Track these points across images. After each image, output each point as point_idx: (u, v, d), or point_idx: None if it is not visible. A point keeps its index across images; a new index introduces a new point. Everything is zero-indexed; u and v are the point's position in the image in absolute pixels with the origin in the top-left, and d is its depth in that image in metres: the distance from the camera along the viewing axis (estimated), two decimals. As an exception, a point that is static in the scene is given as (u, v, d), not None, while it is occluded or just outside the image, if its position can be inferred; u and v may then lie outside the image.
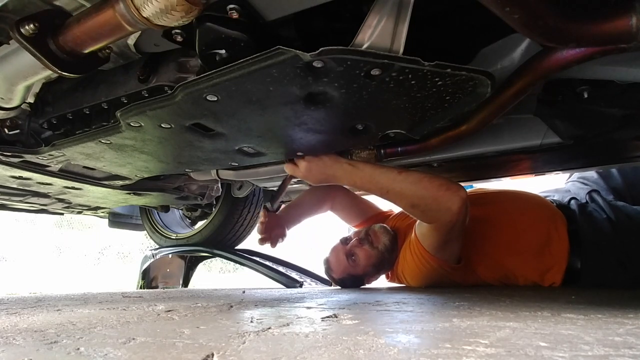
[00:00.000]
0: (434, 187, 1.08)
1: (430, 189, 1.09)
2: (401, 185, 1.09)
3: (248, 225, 2.15)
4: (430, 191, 1.09)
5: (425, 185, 1.08)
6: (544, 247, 1.26)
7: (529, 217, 1.31)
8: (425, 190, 1.09)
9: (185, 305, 1.02)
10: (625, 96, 0.79)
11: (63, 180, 1.27)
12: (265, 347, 0.49)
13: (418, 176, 1.09)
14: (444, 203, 1.09)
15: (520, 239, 1.28)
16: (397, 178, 1.09)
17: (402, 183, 1.09)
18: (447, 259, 1.27)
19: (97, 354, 0.47)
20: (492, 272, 1.34)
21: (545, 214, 1.31)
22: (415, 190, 1.09)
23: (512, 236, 1.29)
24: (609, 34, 0.57)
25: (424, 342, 0.49)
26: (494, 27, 0.75)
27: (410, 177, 1.09)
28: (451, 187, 1.08)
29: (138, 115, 0.80)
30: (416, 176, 1.09)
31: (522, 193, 1.47)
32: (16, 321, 0.77)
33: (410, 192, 1.10)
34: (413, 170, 1.13)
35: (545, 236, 1.26)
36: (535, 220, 1.30)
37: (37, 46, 0.64)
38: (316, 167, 1.10)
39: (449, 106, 0.76)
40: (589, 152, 1.10)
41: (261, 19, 0.66)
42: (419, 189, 1.09)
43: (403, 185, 1.09)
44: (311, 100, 0.73)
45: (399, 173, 1.09)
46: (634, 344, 0.45)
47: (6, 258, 7.47)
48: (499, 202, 1.43)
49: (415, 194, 1.10)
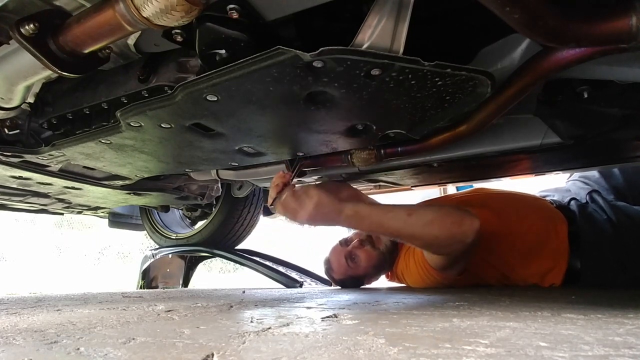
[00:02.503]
0: (446, 225, 1.03)
1: (444, 229, 1.04)
2: (413, 230, 1.03)
3: (248, 225, 2.15)
4: (444, 231, 1.04)
5: (438, 225, 1.03)
6: (544, 249, 1.26)
7: (528, 219, 1.31)
8: (439, 231, 1.04)
9: (185, 305, 1.02)
10: (625, 96, 0.79)
11: (63, 180, 1.27)
12: (265, 347, 0.49)
13: (430, 217, 1.03)
14: (458, 238, 1.04)
15: (520, 241, 1.28)
16: (408, 221, 1.02)
17: (413, 227, 1.03)
18: (454, 273, 1.27)
19: (97, 354, 0.47)
20: (492, 273, 1.34)
21: (545, 216, 1.31)
22: (429, 232, 1.03)
23: (512, 238, 1.29)
24: (609, 34, 0.57)
25: (424, 342, 0.49)
26: (494, 27, 0.75)
27: (421, 218, 1.03)
28: (464, 222, 1.04)
29: (138, 115, 0.80)
30: (428, 217, 1.03)
31: (522, 195, 1.47)
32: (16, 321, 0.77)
33: (423, 235, 1.04)
34: (423, 208, 1.08)
35: (545, 238, 1.26)
36: (535, 222, 1.29)
37: (37, 46, 0.64)
38: (319, 218, 1.01)
39: (449, 106, 0.76)
40: (589, 152, 1.10)
41: (261, 19, 0.66)
42: (432, 230, 1.03)
43: (415, 229, 1.03)
44: (311, 100, 0.73)
45: (409, 215, 1.02)
46: (634, 344, 0.45)
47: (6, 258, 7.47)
48: (498, 204, 1.43)
49: (428, 235, 1.04)
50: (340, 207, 1.02)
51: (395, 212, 1.04)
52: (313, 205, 0.99)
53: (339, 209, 1.01)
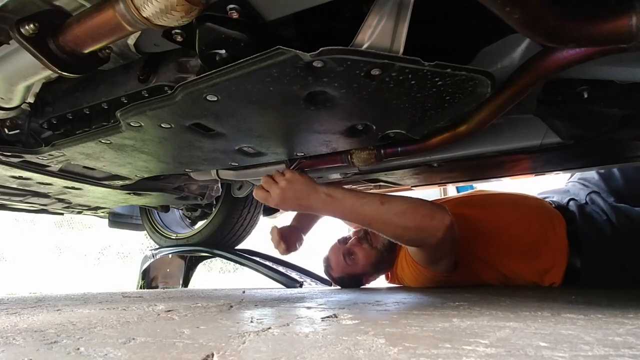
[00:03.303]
0: (417, 217, 1.06)
1: (414, 220, 1.06)
2: (384, 217, 1.06)
3: (248, 225, 2.15)
4: (414, 222, 1.06)
5: (408, 216, 1.06)
6: (543, 248, 1.26)
7: (527, 218, 1.31)
8: (409, 222, 1.06)
9: (185, 305, 1.02)
10: (625, 96, 0.79)
11: (63, 180, 1.27)
12: (265, 347, 0.49)
13: (402, 207, 1.06)
14: (428, 232, 1.07)
15: (519, 241, 1.28)
16: (380, 209, 1.05)
17: (385, 215, 1.06)
18: (441, 270, 1.28)
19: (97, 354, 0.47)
20: (492, 273, 1.34)
21: (543, 215, 1.31)
22: (399, 221, 1.06)
23: (511, 238, 1.29)
24: (609, 34, 0.57)
25: (424, 342, 0.49)
26: (494, 27, 0.75)
27: (393, 207, 1.05)
28: (435, 216, 1.06)
29: (138, 115, 0.80)
30: (400, 207, 1.06)
31: (520, 195, 1.47)
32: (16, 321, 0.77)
33: (394, 224, 1.07)
34: (397, 198, 1.10)
35: (543, 237, 1.26)
36: (533, 221, 1.30)
37: (37, 46, 0.64)
38: (291, 197, 1.05)
39: (449, 106, 0.76)
40: (589, 152, 1.10)
41: (261, 19, 0.66)
42: (403, 220, 1.06)
43: (386, 217, 1.06)
44: (311, 100, 0.73)
45: (382, 203, 1.05)
46: (634, 344, 0.45)
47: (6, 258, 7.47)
48: (497, 204, 1.43)
49: (398, 225, 1.07)
50: (314, 188, 1.04)
51: (369, 199, 1.06)
52: (285, 183, 1.02)
53: (312, 189, 1.04)
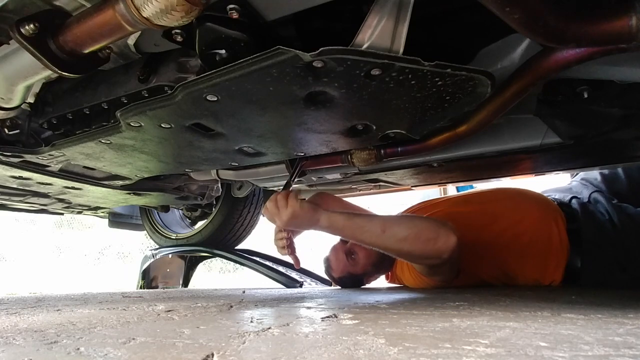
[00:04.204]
0: (420, 243, 1.06)
1: (417, 246, 1.06)
2: (386, 244, 1.07)
3: (248, 225, 2.15)
4: (417, 248, 1.06)
5: (411, 243, 1.05)
6: (545, 245, 1.26)
7: (529, 215, 1.31)
8: (412, 248, 1.06)
9: (185, 305, 1.02)
10: (625, 96, 0.79)
11: (63, 180, 1.27)
12: (265, 347, 0.49)
13: (404, 234, 1.05)
14: (433, 255, 1.07)
15: (521, 237, 1.28)
16: (382, 237, 1.06)
17: (387, 242, 1.06)
18: (443, 279, 1.28)
19: (97, 354, 0.47)
20: (492, 271, 1.34)
21: (545, 212, 1.31)
22: (402, 247, 1.07)
23: (513, 235, 1.29)
24: (609, 34, 0.57)
25: (424, 342, 0.49)
26: (494, 27, 0.75)
27: (395, 234, 1.05)
28: (439, 239, 1.05)
29: (138, 115, 0.80)
30: (402, 233, 1.05)
31: (522, 190, 1.47)
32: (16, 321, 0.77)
33: (397, 249, 1.08)
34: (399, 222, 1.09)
35: (546, 234, 1.26)
36: (536, 218, 1.29)
37: (37, 46, 0.64)
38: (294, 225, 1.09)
39: (449, 106, 0.76)
40: (589, 152, 1.10)
41: (261, 19, 0.66)
42: (405, 246, 1.06)
43: (388, 244, 1.07)
44: (311, 100, 0.73)
45: (383, 231, 1.05)
46: (634, 344, 0.45)
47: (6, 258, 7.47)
48: (497, 200, 1.42)
49: (401, 250, 1.08)
50: (317, 217, 1.08)
51: (369, 226, 1.07)
52: (287, 217, 1.07)
53: (313, 221, 1.08)
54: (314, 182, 1.51)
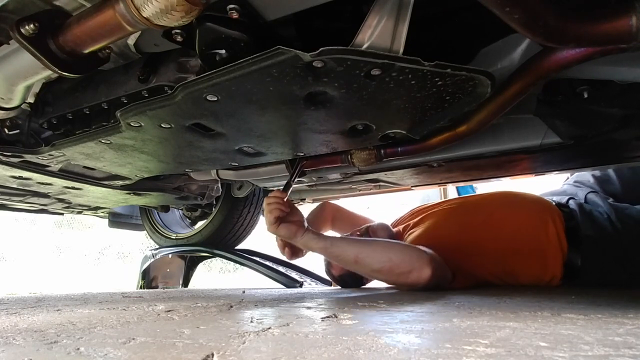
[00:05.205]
0: (393, 275, 1.11)
1: (391, 277, 1.13)
2: (359, 271, 1.15)
3: (248, 225, 2.15)
4: (390, 279, 1.15)
5: (384, 274, 1.12)
6: (543, 244, 1.26)
7: (526, 214, 1.31)
8: (387, 278, 1.15)
9: (185, 305, 1.02)
10: (625, 96, 0.79)
11: (63, 180, 1.27)
12: (265, 347, 0.49)
13: (376, 266, 1.09)
14: (405, 286, 1.17)
15: (518, 237, 1.28)
16: (354, 267, 1.12)
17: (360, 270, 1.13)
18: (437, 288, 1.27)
19: (97, 354, 0.47)
20: (492, 271, 1.34)
21: (542, 210, 1.31)
22: (375, 276, 1.15)
23: (510, 234, 1.29)
24: (609, 34, 0.57)
25: (424, 342, 0.49)
26: (494, 27, 0.75)
27: (368, 265, 1.10)
28: (412, 273, 1.09)
29: (138, 115, 0.80)
30: (374, 266, 1.09)
31: (517, 192, 1.47)
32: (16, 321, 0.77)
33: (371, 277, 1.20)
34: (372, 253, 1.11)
35: (543, 231, 1.26)
36: (533, 216, 1.29)
37: (37, 46, 0.64)
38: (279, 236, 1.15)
39: (449, 106, 0.76)
40: (589, 152, 1.10)
41: (261, 19, 0.66)
42: (379, 276, 1.14)
43: (362, 272, 1.15)
44: (311, 100, 0.73)
45: (356, 263, 1.09)
46: (634, 344, 0.45)
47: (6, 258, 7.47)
48: (494, 201, 1.43)
49: (375, 278, 1.18)
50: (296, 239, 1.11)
51: (344, 256, 1.11)
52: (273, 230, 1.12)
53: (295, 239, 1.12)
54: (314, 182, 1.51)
